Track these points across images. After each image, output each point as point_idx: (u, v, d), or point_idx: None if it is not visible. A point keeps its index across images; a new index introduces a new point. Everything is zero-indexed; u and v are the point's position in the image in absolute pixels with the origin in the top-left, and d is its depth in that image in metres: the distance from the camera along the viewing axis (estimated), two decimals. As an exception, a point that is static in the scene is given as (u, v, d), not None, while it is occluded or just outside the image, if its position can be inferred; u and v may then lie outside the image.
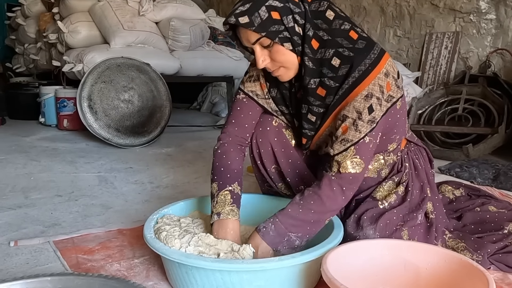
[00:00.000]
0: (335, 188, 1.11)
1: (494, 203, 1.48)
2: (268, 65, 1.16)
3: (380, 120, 1.14)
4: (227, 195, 1.18)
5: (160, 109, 3.18)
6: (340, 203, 1.13)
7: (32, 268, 1.22)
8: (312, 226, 1.11)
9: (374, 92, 1.11)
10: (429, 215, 1.29)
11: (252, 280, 0.99)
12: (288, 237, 1.09)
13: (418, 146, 1.39)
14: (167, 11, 3.59)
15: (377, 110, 1.12)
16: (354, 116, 1.11)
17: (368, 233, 1.18)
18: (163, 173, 2.31)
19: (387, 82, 1.13)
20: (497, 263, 1.24)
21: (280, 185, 1.36)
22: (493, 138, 2.65)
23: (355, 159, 1.11)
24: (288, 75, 1.18)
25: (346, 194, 1.12)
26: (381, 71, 1.11)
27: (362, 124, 1.11)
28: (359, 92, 1.11)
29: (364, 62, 1.10)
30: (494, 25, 3.21)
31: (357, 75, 1.10)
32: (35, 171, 2.30)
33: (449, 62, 3.48)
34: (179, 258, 1.00)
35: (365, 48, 1.12)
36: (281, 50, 1.12)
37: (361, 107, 1.11)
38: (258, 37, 1.10)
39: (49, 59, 4.02)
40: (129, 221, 1.58)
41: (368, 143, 1.12)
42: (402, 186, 1.28)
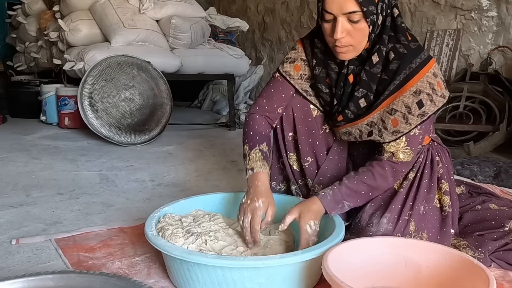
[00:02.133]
0: (387, 168, 1.22)
1: (495, 201, 1.48)
2: (344, 40, 1.16)
3: (432, 115, 1.20)
4: (257, 153, 1.29)
5: (161, 107, 3.18)
6: (389, 183, 1.24)
7: (34, 266, 1.23)
8: (361, 198, 1.23)
9: (423, 88, 1.17)
10: (445, 208, 1.30)
11: (254, 277, 1.00)
12: (342, 204, 1.20)
13: (442, 147, 1.42)
14: (168, 9, 3.58)
15: (427, 105, 1.18)
16: (404, 110, 1.18)
17: (382, 221, 1.23)
18: (164, 171, 2.31)
19: (437, 81, 1.19)
20: (498, 261, 1.24)
21: (291, 155, 1.42)
22: (494, 136, 2.65)
23: (406, 150, 1.22)
24: (351, 55, 1.21)
25: (396, 176, 1.24)
26: (429, 70, 1.18)
27: (412, 117, 1.19)
28: (407, 88, 1.17)
29: (415, 61, 1.17)
30: (496, 22, 3.20)
31: (408, 72, 1.17)
32: (37, 169, 2.30)
33: (450, 60, 3.48)
34: (181, 255, 1.00)
35: (416, 48, 1.19)
36: (364, 30, 1.15)
37: (409, 102, 1.18)
38: (355, 9, 1.11)
39: (50, 58, 4.02)
40: (130, 219, 1.58)
41: (418, 135, 1.22)
42: (412, 172, 1.31)
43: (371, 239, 1.12)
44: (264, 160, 1.27)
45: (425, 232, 1.24)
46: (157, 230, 1.15)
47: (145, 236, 1.11)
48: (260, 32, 5.19)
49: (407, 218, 1.24)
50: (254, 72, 4.90)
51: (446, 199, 1.32)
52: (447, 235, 1.26)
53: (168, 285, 1.13)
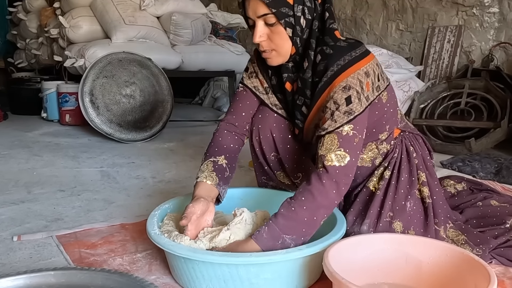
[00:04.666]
0: (325, 181, 1.07)
1: (496, 197, 1.48)
2: (264, 43, 1.17)
3: (359, 115, 1.13)
4: (209, 164, 1.25)
5: (162, 104, 3.18)
6: (332, 198, 1.08)
7: (35, 263, 1.23)
8: (306, 226, 1.06)
9: (353, 85, 1.13)
10: (425, 199, 1.28)
11: (259, 273, 1.00)
12: (283, 240, 1.04)
13: (414, 134, 1.39)
14: (169, 6, 3.57)
15: (355, 104, 1.13)
16: (332, 107, 1.14)
17: (363, 229, 1.22)
18: (165, 168, 2.31)
19: (367, 82, 1.15)
20: (498, 257, 1.24)
21: (279, 173, 1.38)
22: (496, 132, 2.65)
23: (338, 151, 1.10)
24: (277, 60, 1.20)
25: (337, 188, 1.09)
26: (361, 68, 1.14)
27: (339, 114, 1.12)
28: (336, 84, 1.13)
29: (344, 58, 1.14)
30: (497, 18, 3.19)
31: (335, 69, 1.13)
32: (38, 166, 2.31)
33: (451, 56, 3.47)
34: (186, 254, 1.00)
35: (346, 47, 1.16)
36: (281, 33, 1.15)
37: (338, 98, 1.13)
38: (266, 12, 1.12)
39: (50, 54, 4.02)
40: (132, 216, 1.59)
41: (351, 136, 1.12)
42: (388, 171, 1.29)
43: (372, 235, 1.12)
44: (213, 172, 1.23)
45: (411, 229, 1.24)
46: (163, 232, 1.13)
47: (148, 235, 1.11)
48: (261, 29, 5.17)
49: (388, 220, 1.22)
50: (255, 68, 4.88)
51: (425, 189, 1.29)
52: (429, 227, 1.25)
53: (169, 282, 1.13)
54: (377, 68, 1.20)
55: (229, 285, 1.01)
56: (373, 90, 1.18)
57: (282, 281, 1.04)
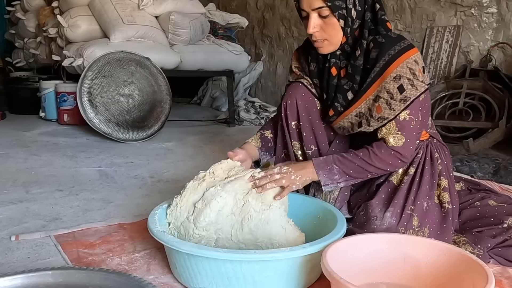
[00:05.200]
0: (384, 150, 1.24)
1: (494, 197, 1.48)
2: (317, 34, 1.25)
3: (415, 100, 1.22)
4: (257, 134, 1.51)
5: (161, 103, 3.18)
6: (385, 165, 1.24)
7: (33, 262, 1.23)
8: (354, 170, 1.25)
9: (403, 73, 1.20)
10: (445, 205, 1.31)
11: (263, 271, 1.01)
12: (332, 167, 1.24)
13: (441, 144, 1.43)
14: (167, 5, 3.57)
15: (409, 90, 1.21)
16: (386, 96, 1.22)
17: (386, 215, 1.24)
18: (164, 168, 2.31)
19: (418, 68, 1.22)
20: (496, 257, 1.24)
21: (295, 143, 1.45)
22: (494, 132, 2.65)
23: (396, 135, 1.23)
24: (328, 48, 1.29)
25: (393, 161, 1.24)
26: (410, 57, 1.21)
27: (395, 103, 1.22)
28: (388, 74, 1.21)
29: (394, 48, 1.21)
30: (496, 18, 3.19)
31: (387, 59, 1.21)
32: (36, 166, 2.30)
33: (450, 56, 3.47)
34: (190, 250, 1.00)
35: (396, 38, 1.24)
36: (335, 24, 1.23)
37: (391, 88, 1.21)
38: (321, 5, 1.20)
39: (49, 54, 4.01)
40: (130, 216, 1.59)
41: (409, 120, 1.23)
42: (412, 167, 1.32)
43: (371, 235, 1.12)
44: (259, 139, 1.48)
45: (426, 227, 1.25)
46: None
47: (150, 232, 1.11)
48: (260, 28, 5.17)
49: (409, 213, 1.25)
50: (254, 68, 4.89)
51: (445, 195, 1.32)
52: (447, 231, 1.27)
53: (168, 281, 1.13)
54: (422, 61, 1.26)
55: (232, 282, 1.02)
56: (426, 76, 1.26)
57: (284, 279, 1.04)
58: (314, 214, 1.30)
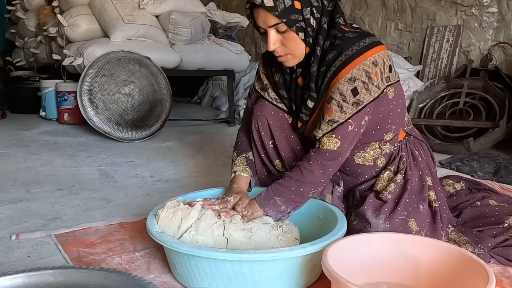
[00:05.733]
0: (311, 162, 1.21)
1: (494, 197, 1.48)
2: (278, 49, 1.23)
3: (368, 104, 1.18)
4: (242, 159, 1.41)
5: (161, 103, 3.18)
6: (318, 176, 1.21)
7: (34, 262, 1.23)
8: (294, 194, 1.21)
9: (358, 76, 1.17)
10: (432, 203, 1.30)
11: (263, 270, 1.01)
12: (274, 200, 1.21)
13: (419, 140, 1.41)
14: (167, 5, 3.57)
15: (362, 94, 1.18)
16: (338, 98, 1.18)
17: (378, 222, 1.19)
18: (164, 167, 2.31)
19: (375, 71, 1.18)
20: (497, 257, 1.24)
21: (277, 162, 1.41)
22: (494, 132, 2.65)
23: (331, 138, 1.20)
24: (293, 61, 1.26)
25: (324, 169, 1.21)
26: (368, 58, 1.17)
27: (347, 105, 1.18)
28: (342, 75, 1.17)
29: (352, 48, 1.18)
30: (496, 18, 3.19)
31: (344, 59, 1.17)
32: (36, 165, 2.30)
33: (450, 56, 3.47)
34: (189, 250, 1.00)
35: (355, 37, 1.20)
36: (294, 38, 1.20)
37: (344, 89, 1.18)
38: (277, 22, 1.17)
39: (49, 53, 4.01)
40: (130, 215, 1.59)
41: (346, 124, 1.19)
42: (400, 175, 1.30)
43: (371, 234, 1.12)
44: (247, 167, 1.38)
45: (424, 230, 1.24)
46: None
47: (149, 233, 1.11)
48: (260, 28, 5.17)
49: (404, 218, 1.22)
50: (254, 68, 4.88)
51: (431, 193, 1.31)
52: (437, 230, 1.25)
53: (168, 280, 1.13)
54: (388, 60, 1.23)
55: (232, 282, 1.01)
56: (381, 80, 1.21)
57: (284, 279, 1.04)
58: (314, 214, 1.30)
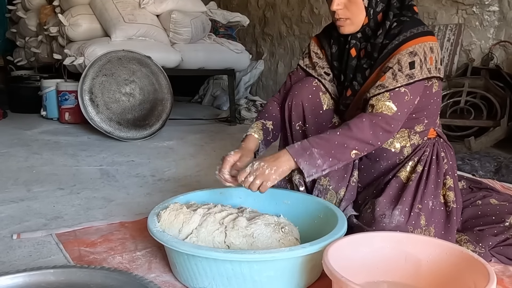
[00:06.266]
0: (365, 119, 1.19)
1: (495, 196, 1.48)
2: (340, 11, 1.26)
3: (418, 82, 1.21)
4: (258, 124, 1.42)
5: (162, 102, 3.18)
6: (367, 135, 1.18)
7: (35, 261, 1.23)
8: (336, 149, 1.17)
9: (419, 53, 1.21)
10: (450, 204, 1.30)
11: (262, 271, 1.00)
12: (311, 152, 1.16)
13: (447, 144, 1.43)
14: (168, 4, 3.57)
15: (417, 70, 1.21)
16: (395, 67, 1.21)
17: (394, 213, 1.21)
18: (165, 166, 2.31)
19: (431, 56, 1.21)
20: (498, 256, 1.24)
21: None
22: (495, 131, 2.65)
23: (388, 102, 1.20)
24: (349, 28, 1.29)
25: (375, 130, 1.19)
26: (428, 41, 1.22)
27: (401, 75, 1.20)
28: (406, 47, 1.21)
29: (417, 28, 1.22)
30: (497, 17, 3.19)
31: (408, 35, 1.21)
32: (37, 164, 2.31)
33: (451, 55, 3.46)
34: (189, 250, 1.00)
35: (420, 21, 1.26)
36: (358, 3, 1.24)
37: (403, 60, 1.20)
38: None
39: (50, 52, 4.01)
40: (131, 214, 1.59)
41: (403, 93, 1.20)
42: (420, 165, 1.31)
43: (372, 234, 1.12)
44: (261, 131, 1.39)
45: (432, 226, 1.25)
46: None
47: (150, 232, 1.11)
48: (261, 27, 5.17)
49: (417, 212, 1.23)
50: (255, 67, 4.89)
51: (450, 194, 1.32)
52: (451, 231, 1.26)
53: (169, 280, 1.13)
54: (439, 53, 1.25)
55: (232, 282, 1.01)
56: (435, 67, 1.24)
57: (284, 279, 1.04)
58: (315, 213, 1.29)
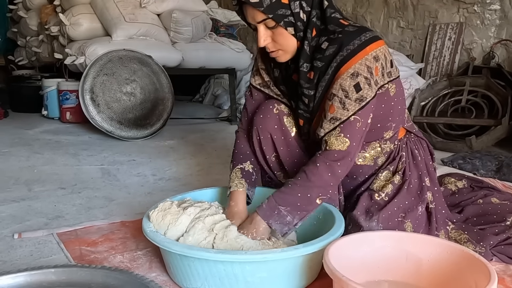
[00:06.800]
0: (319, 164, 1.14)
1: (496, 195, 1.48)
2: (269, 45, 1.20)
3: (371, 101, 1.14)
4: (237, 172, 1.32)
5: (163, 101, 3.18)
6: (326, 180, 1.14)
7: (36, 260, 1.23)
8: (301, 201, 1.13)
9: (361, 71, 1.12)
10: (428, 205, 1.28)
11: (255, 272, 1.00)
12: (278, 210, 1.13)
13: (418, 138, 1.39)
14: (169, 3, 3.56)
15: (366, 89, 1.13)
16: (341, 95, 1.13)
17: (371, 225, 1.18)
18: (166, 166, 2.31)
19: (375, 66, 1.14)
20: (499, 255, 1.24)
21: (279, 174, 1.37)
22: (496, 130, 2.64)
23: (339, 137, 1.14)
24: (285, 57, 1.22)
25: (333, 170, 1.13)
26: (370, 53, 1.13)
27: (350, 102, 1.13)
28: (345, 70, 1.13)
29: (353, 43, 1.13)
30: (498, 15, 3.18)
31: (345, 54, 1.13)
32: (38, 164, 2.31)
33: (452, 54, 3.46)
34: (181, 250, 1.00)
35: (355, 31, 1.15)
36: (284, 33, 1.16)
37: (347, 85, 1.13)
38: (264, 17, 1.14)
39: (51, 52, 4.01)
40: (132, 213, 1.59)
41: (353, 121, 1.13)
42: (398, 175, 1.28)
43: (373, 233, 1.12)
44: (243, 179, 1.30)
45: (420, 232, 1.23)
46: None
47: (143, 232, 1.11)
48: (262, 26, 5.16)
49: (400, 220, 1.21)
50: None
51: (428, 194, 1.29)
52: (432, 232, 1.25)
53: (169, 279, 1.13)
54: (389, 54, 1.20)
55: (224, 283, 1.01)
56: (383, 75, 1.18)
57: (278, 280, 1.03)
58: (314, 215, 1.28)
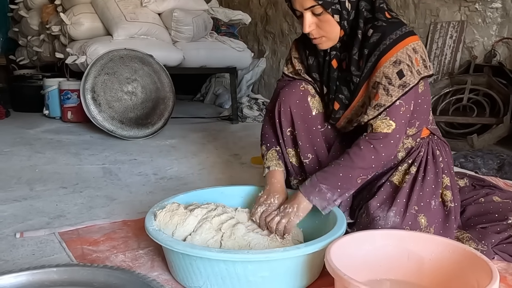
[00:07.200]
0: (363, 146, 1.19)
1: (498, 194, 1.48)
2: (313, 32, 1.23)
3: (413, 87, 1.18)
4: (273, 153, 1.39)
5: (164, 100, 3.18)
6: (369, 162, 1.19)
7: (38, 259, 1.24)
8: (342, 181, 1.19)
9: (403, 59, 1.17)
10: (448, 203, 1.29)
11: (257, 271, 1.00)
12: (319, 188, 1.18)
13: (441, 141, 1.41)
14: (170, 2, 3.56)
15: (408, 76, 1.17)
16: (384, 82, 1.18)
17: (389, 215, 1.20)
18: (167, 165, 2.31)
19: (415, 57, 1.18)
20: (501, 253, 1.24)
21: (289, 150, 1.41)
22: (498, 128, 2.64)
23: (385, 120, 1.18)
24: (327, 44, 1.27)
25: (376, 153, 1.18)
26: (409, 44, 1.18)
27: (393, 88, 1.17)
28: (387, 58, 1.17)
29: (395, 33, 1.18)
30: (500, 14, 3.17)
31: (388, 42, 1.17)
32: (40, 163, 2.31)
33: (454, 52, 3.45)
34: (184, 249, 1.00)
35: (397, 23, 1.20)
36: (330, 21, 1.21)
37: (390, 73, 1.17)
38: (313, 4, 1.17)
39: (52, 51, 4.01)
40: (134, 213, 1.59)
41: (398, 106, 1.18)
42: (414, 167, 1.30)
43: (374, 231, 1.12)
44: (280, 160, 1.37)
45: (432, 227, 1.24)
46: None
47: (146, 231, 1.11)
48: (263, 25, 5.16)
49: (414, 213, 1.22)
50: (257, 65, 4.88)
51: (447, 193, 1.31)
52: (450, 230, 1.26)
53: (171, 278, 1.13)
54: (424, 50, 1.23)
55: (226, 282, 1.01)
56: (424, 66, 1.22)
57: (280, 280, 1.03)
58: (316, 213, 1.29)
